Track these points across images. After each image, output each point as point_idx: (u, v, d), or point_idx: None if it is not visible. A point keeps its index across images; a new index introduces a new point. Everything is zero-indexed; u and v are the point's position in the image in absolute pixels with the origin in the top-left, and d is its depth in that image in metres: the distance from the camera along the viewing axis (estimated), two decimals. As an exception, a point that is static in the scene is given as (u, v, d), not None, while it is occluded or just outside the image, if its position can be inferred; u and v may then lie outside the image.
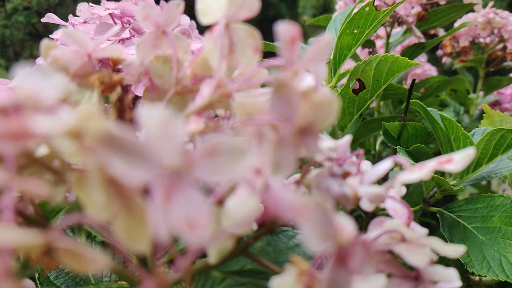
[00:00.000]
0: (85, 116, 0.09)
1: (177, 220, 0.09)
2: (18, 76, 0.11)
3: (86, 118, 0.09)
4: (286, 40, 0.14)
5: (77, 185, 0.12)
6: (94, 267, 0.10)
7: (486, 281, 0.52)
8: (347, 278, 0.12)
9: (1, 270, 0.10)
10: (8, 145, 0.10)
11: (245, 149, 0.10)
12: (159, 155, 0.10)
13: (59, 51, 0.20)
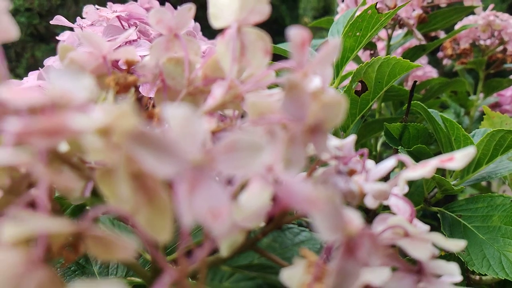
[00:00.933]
0: (120, 114, 0.10)
1: (201, 210, 0.10)
2: (50, 77, 0.12)
3: (120, 116, 0.10)
4: (297, 44, 0.15)
5: (101, 180, 0.13)
6: (124, 253, 0.11)
7: (486, 280, 0.53)
8: (355, 268, 0.13)
9: (35, 256, 0.11)
10: (43, 140, 0.11)
11: (262, 146, 0.11)
12: (183, 150, 0.11)
13: (75, 53, 0.21)
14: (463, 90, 0.89)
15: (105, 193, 0.13)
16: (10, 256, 0.10)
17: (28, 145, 0.11)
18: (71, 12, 4.26)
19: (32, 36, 4.27)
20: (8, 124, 0.10)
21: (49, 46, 4.27)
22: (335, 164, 0.20)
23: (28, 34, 4.25)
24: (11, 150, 0.10)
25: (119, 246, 0.11)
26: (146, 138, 0.10)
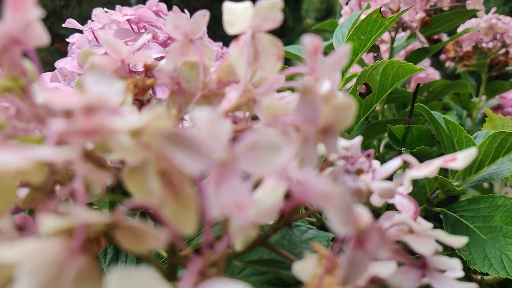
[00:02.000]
0: (157, 116, 0.11)
1: (227, 203, 0.11)
2: (87, 82, 0.13)
3: (157, 118, 0.11)
4: (310, 51, 0.16)
5: (129, 177, 0.14)
6: (155, 243, 0.12)
7: (488, 280, 0.54)
8: (364, 259, 0.14)
9: (75, 246, 0.12)
10: (82, 140, 0.12)
11: (281, 145, 0.12)
12: (210, 149, 0.12)
13: (96, 58, 0.22)
14: (465, 92, 0.90)
15: (132, 189, 0.14)
16: (52, 245, 0.12)
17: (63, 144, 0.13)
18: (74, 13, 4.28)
19: (36, 37, 4.30)
20: (52, 124, 0.11)
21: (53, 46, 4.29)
22: (343, 164, 0.21)
23: (32, 35, 4.27)
24: (54, 148, 0.11)
25: (150, 236, 0.12)
26: (178, 138, 0.11)
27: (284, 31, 4.85)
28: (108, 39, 0.22)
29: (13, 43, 0.14)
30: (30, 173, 0.13)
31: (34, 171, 0.12)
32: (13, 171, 0.12)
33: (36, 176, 0.13)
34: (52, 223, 0.12)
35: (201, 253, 0.13)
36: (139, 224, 0.12)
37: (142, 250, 0.13)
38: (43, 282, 0.11)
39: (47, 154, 0.11)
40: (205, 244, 0.13)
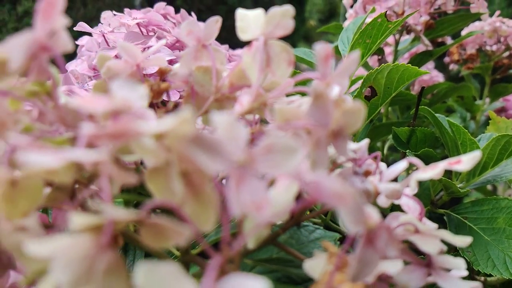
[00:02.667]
0: (182, 120, 0.12)
1: (246, 202, 0.12)
2: (113, 87, 0.13)
3: (183, 122, 0.12)
4: (322, 57, 0.16)
5: (150, 177, 0.15)
6: (179, 239, 0.13)
7: (491, 281, 0.54)
8: (374, 256, 0.15)
9: (104, 241, 0.13)
10: (111, 142, 0.12)
11: (296, 148, 0.13)
12: (230, 152, 0.12)
13: (112, 62, 0.23)
14: (469, 95, 0.91)
15: (153, 189, 0.15)
16: (82, 240, 0.12)
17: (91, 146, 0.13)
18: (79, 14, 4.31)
19: (41, 38, 4.33)
20: (83, 128, 0.12)
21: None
22: (351, 166, 0.22)
23: (37, 36, 4.30)
24: (86, 150, 0.12)
25: (174, 232, 0.13)
26: (202, 141, 0.12)
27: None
28: (124, 44, 0.22)
29: (41, 50, 0.15)
30: (59, 173, 0.13)
31: (64, 172, 0.13)
32: (45, 171, 0.13)
33: (64, 176, 0.14)
34: (81, 220, 0.13)
35: (220, 250, 0.14)
36: (164, 221, 0.13)
37: (165, 246, 0.14)
38: (76, 276, 0.11)
39: (81, 156, 0.11)
40: (223, 241, 0.13)
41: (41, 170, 0.13)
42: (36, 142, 0.14)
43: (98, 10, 4.54)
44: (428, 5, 0.77)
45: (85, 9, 4.30)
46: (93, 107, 0.13)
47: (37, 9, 0.14)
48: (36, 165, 0.11)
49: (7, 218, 0.15)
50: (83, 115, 0.16)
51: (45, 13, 0.14)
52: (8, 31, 4.28)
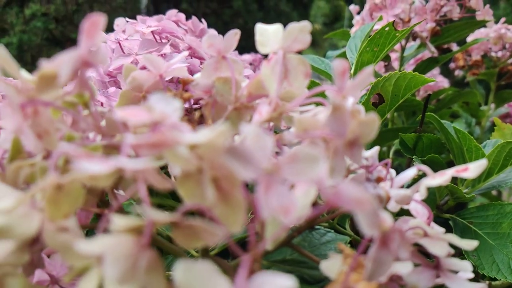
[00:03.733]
0: (221, 132, 0.13)
1: (275, 206, 0.13)
2: (151, 101, 0.15)
3: (220, 134, 0.13)
4: (339, 72, 0.18)
5: (182, 183, 0.16)
6: (212, 239, 0.14)
7: (495, 285, 0.55)
8: (388, 257, 0.16)
9: (144, 242, 0.14)
10: (150, 151, 0.14)
11: (318, 157, 0.14)
12: (258, 160, 0.14)
13: (137, 73, 0.24)
14: (474, 101, 0.92)
15: (183, 193, 0.16)
16: (125, 240, 0.14)
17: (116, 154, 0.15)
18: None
19: (48, 40, 4.37)
20: (127, 138, 0.14)
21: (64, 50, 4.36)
22: (363, 172, 0.23)
23: (44, 38, 4.34)
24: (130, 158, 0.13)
25: (208, 233, 0.14)
26: (235, 151, 0.13)
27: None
28: (149, 56, 0.24)
29: (84, 65, 0.16)
30: (102, 179, 0.15)
31: (106, 177, 0.14)
32: (89, 177, 0.15)
33: (105, 181, 0.15)
34: (123, 222, 0.14)
35: (248, 250, 0.15)
36: (199, 223, 0.14)
37: (195, 246, 0.15)
38: (123, 271, 0.13)
39: (129, 164, 0.13)
40: (251, 242, 0.15)
41: (88, 176, 0.14)
42: (90, 151, 0.15)
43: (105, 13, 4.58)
44: (434, 12, 0.78)
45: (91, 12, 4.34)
46: (136, 120, 0.14)
47: (82, 29, 0.16)
48: (88, 172, 0.13)
49: (50, 219, 0.16)
50: (118, 124, 0.17)
51: (89, 33, 0.16)
52: (16, 33, 4.32)
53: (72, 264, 0.15)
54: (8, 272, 0.17)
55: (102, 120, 0.21)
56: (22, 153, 0.19)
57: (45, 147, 0.17)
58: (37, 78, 0.16)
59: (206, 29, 0.63)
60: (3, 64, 0.16)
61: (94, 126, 0.18)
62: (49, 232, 0.15)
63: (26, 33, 4.38)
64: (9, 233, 0.15)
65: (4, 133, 0.20)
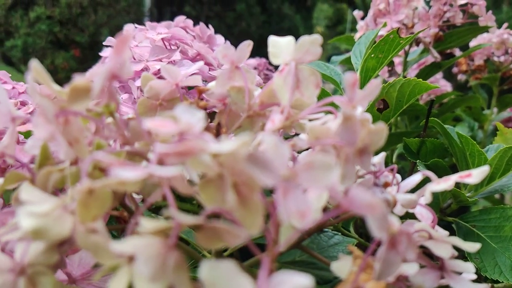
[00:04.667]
0: (244, 142, 0.14)
1: (292, 210, 0.14)
2: (177, 112, 0.16)
3: (244, 144, 0.14)
4: (350, 84, 0.19)
5: (203, 187, 0.17)
6: (234, 241, 0.15)
7: (498, 287, 0.56)
8: (396, 258, 0.17)
9: (171, 243, 0.15)
10: (177, 159, 0.15)
11: (332, 165, 0.15)
12: (277, 168, 0.15)
13: (154, 82, 0.26)
14: (477, 106, 0.93)
15: (204, 198, 0.17)
16: (154, 241, 0.15)
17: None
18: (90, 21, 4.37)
19: (52, 43, 4.39)
20: (157, 147, 0.15)
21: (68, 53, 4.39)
22: (371, 177, 0.24)
23: (49, 41, 4.36)
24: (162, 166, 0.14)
25: (231, 234, 0.15)
26: (256, 159, 0.14)
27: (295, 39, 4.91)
28: (167, 67, 0.25)
29: (113, 78, 0.18)
30: (130, 184, 0.16)
31: (135, 183, 0.16)
32: (119, 182, 0.16)
33: (133, 187, 0.16)
34: (151, 225, 0.15)
35: (267, 251, 0.16)
36: (222, 225, 0.15)
37: (216, 247, 0.16)
38: (154, 270, 0.14)
39: (160, 171, 0.14)
40: (269, 243, 0.16)
41: (118, 181, 0.15)
42: (123, 159, 0.16)
43: (109, 16, 4.61)
44: (437, 18, 0.80)
45: (96, 15, 4.37)
46: (165, 130, 0.15)
47: (113, 45, 0.17)
48: (123, 178, 0.14)
49: (81, 222, 0.17)
50: (142, 133, 0.19)
51: (118, 49, 0.17)
52: (21, 36, 4.35)
53: (102, 263, 0.16)
54: (40, 271, 0.18)
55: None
56: (50, 160, 0.21)
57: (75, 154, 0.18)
58: (69, 90, 0.17)
59: (213, 35, 0.64)
60: (37, 77, 0.17)
61: (119, 134, 0.19)
62: (81, 234, 0.17)
63: (31, 36, 4.40)
64: (45, 234, 0.16)
65: (32, 140, 0.22)
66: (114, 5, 4.33)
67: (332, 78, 0.56)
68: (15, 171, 0.21)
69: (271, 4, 4.68)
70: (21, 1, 4.46)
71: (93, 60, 3.99)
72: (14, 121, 0.20)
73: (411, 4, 0.78)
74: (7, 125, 0.20)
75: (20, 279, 0.17)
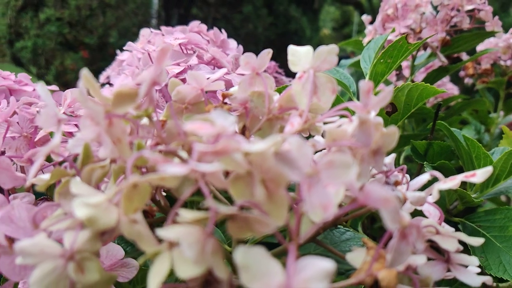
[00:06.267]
0: (275, 143, 0.16)
1: (316, 204, 0.16)
2: (212, 116, 0.18)
3: (275, 144, 0.16)
4: (365, 91, 0.21)
5: (233, 183, 0.19)
6: (263, 230, 0.17)
7: (502, 286, 0.58)
8: (407, 248, 0.19)
9: (208, 230, 0.17)
10: (214, 158, 0.17)
11: (351, 163, 0.17)
12: (302, 165, 0.17)
13: (181, 87, 0.28)
14: (483, 109, 0.94)
15: (234, 192, 0.19)
16: (194, 229, 0.17)
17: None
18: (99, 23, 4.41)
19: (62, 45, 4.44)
20: (196, 146, 0.17)
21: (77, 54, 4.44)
22: (382, 177, 0.26)
23: (58, 43, 4.41)
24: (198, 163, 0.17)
25: (261, 224, 0.17)
26: (284, 158, 0.16)
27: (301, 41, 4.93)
28: (193, 73, 0.27)
29: (153, 85, 0.20)
30: (171, 180, 0.18)
31: (175, 178, 0.18)
32: (160, 178, 0.18)
33: (172, 182, 0.18)
34: (190, 215, 0.17)
35: (292, 240, 0.18)
36: (253, 215, 0.17)
37: (246, 236, 0.18)
38: (197, 253, 0.16)
39: (203, 167, 0.16)
40: (294, 233, 0.18)
41: (160, 177, 0.17)
42: (166, 157, 0.19)
43: (117, 18, 4.66)
44: (445, 23, 0.81)
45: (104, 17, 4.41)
46: (204, 132, 0.17)
47: (154, 56, 0.19)
48: (170, 174, 0.16)
49: (124, 213, 0.19)
50: (178, 133, 0.21)
51: (159, 59, 0.19)
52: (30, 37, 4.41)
53: (145, 249, 0.18)
54: (86, 257, 0.20)
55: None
56: (91, 158, 0.23)
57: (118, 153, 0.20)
58: (113, 96, 0.20)
59: (226, 40, 0.66)
60: (87, 83, 0.20)
61: (156, 135, 0.21)
62: (125, 224, 0.19)
63: (41, 37, 4.46)
64: (96, 223, 0.18)
65: (73, 140, 0.24)
66: (123, 7, 4.37)
67: (342, 82, 0.58)
68: (59, 168, 0.23)
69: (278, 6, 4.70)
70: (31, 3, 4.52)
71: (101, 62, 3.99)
72: (60, 122, 0.22)
73: (419, 9, 0.80)
74: (53, 125, 0.22)
75: (70, 264, 0.19)
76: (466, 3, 0.79)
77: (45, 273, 0.19)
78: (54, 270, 0.19)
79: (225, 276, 0.17)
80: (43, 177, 0.23)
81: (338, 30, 7.54)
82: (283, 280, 0.15)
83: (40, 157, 0.21)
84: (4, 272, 0.25)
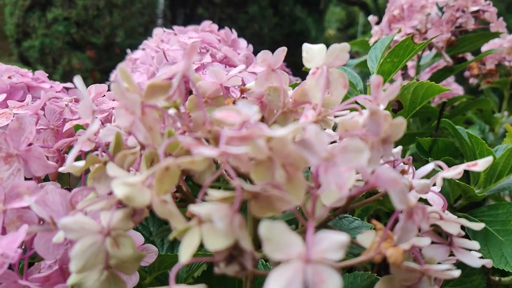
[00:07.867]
0: (297, 129, 0.18)
1: (332, 183, 0.18)
2: (238, 106, 0.20)
3: (296, 130, 0.18)
4: (375, 85, 0.23)
5: (255, 167, 0.21)
6: (283, 208, 0.19)
7: (505, 281, 0.59)
8: (413, 226, 0.21)
9: (235, 208, 0.19)
10: (239, 143, 0.19)
11: (364, 149, 0.19)
12: (319, 150, 0.19)
13: (202, 82, 0.30)
14: (488, 109, 0.95)
15: (256, 176, 0.21)
16: (223, 206, 0.19)
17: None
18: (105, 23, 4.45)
19: (69, 44, 4.48)
20: (225, 132, 0.19)
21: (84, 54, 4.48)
22: (390, 166, 0.28)
23: (65, 42, 4.45)
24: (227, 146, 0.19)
25: (283, 201, 0.19)
26: (304, 143, 0.18)
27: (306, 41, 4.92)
28: (214, 69, 0.29)
29: (183, 78, 0.22)
30: (199, 163, 0.20)
31: (203, 161, 0.20)
32: (190, 161, 0.20)
33: (201, 165, 0.20)
34: (218, 194, 0.19)
35: (309, 218, 0.20)
36: (276, 192, 0.19)
37: (267, 215, 0.20)
38: (226, 225, 0.18)
39: (233, 149, 0.18)
40: (311, 212, 0.20)
41: (189, 160, 0.19)
42: (199, 141, 0.21)
43: (124, 18, 4.70)
44: (450, 24, 0.83)
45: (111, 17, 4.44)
46: (232, 120, 0.19)
47: (184, 52, 0.21)
48: (204, 155, 0.18)
49: (157, 194, 0.21)
50: (204, 122, 0.23)
51: (189, 55, 0.21)
52: (38, 37, 4.45)
53: (176, 226, 0.20)
54: (121, 234, 0.22)
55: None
56: (122, 146, 0.25)
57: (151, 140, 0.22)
58: (146, 88, 0.22)
59: (237, 39, 0.69)
60: (123, 76, 0.22)
61: (184, 124, 0.23)
62: (157, 203, 0.21)
63: (48, 37, 4.50)
64: (133, 201, 0.20)
65: (105, 130, 0.26)
66: (129, 7, 4.41)
67: (349, 81, 0.60)
68: (93, 155, 0.25)
69: (283, 7, 4.71)
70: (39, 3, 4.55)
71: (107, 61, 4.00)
72: (94, 113, 0.24)
73: (425, 10, 0.81)
74: (90, 115, 0.24)
75: (107, 239, 0.21)
76: (471, 4, 0.80)
77: (86, 247, 0.21)
78: (94, 244, 0.21)
79: (250, 247, 0.19)
80: (77, 164, 0.26)
81: (343, 30, 7.53)
82: (303, 250, 0.17)
83: (78, 144, 0.23)
84: (39, 250, 0.27)
